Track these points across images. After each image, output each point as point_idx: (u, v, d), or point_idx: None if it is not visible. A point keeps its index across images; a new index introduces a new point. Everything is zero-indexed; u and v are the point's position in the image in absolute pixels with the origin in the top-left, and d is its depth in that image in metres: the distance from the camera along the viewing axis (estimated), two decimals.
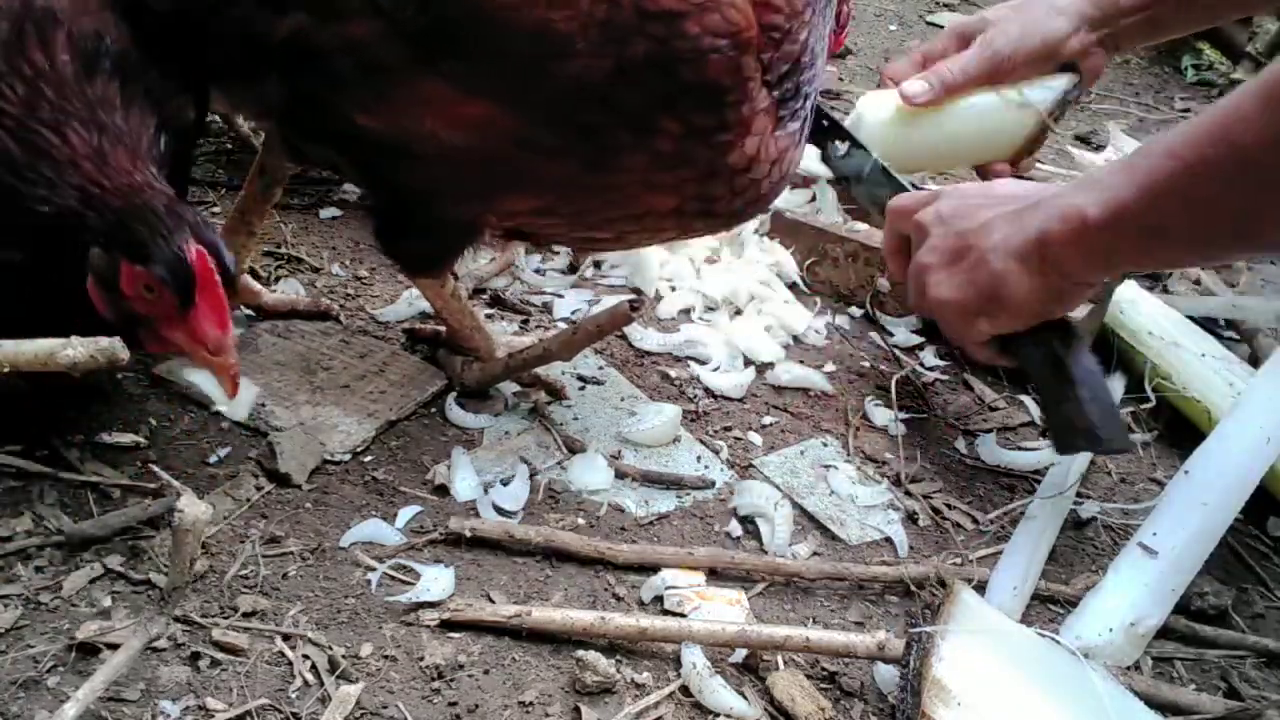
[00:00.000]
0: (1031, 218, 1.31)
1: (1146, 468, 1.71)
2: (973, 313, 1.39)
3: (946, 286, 1.40)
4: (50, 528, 1.25)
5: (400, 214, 1.46)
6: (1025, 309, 1.35)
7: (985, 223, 1.37)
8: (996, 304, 1.36)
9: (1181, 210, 1.18)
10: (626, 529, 1.41)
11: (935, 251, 1.42)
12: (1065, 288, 1.33)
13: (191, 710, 1.08)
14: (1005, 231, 1.34)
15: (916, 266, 1.45)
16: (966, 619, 1.19)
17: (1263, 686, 1.34)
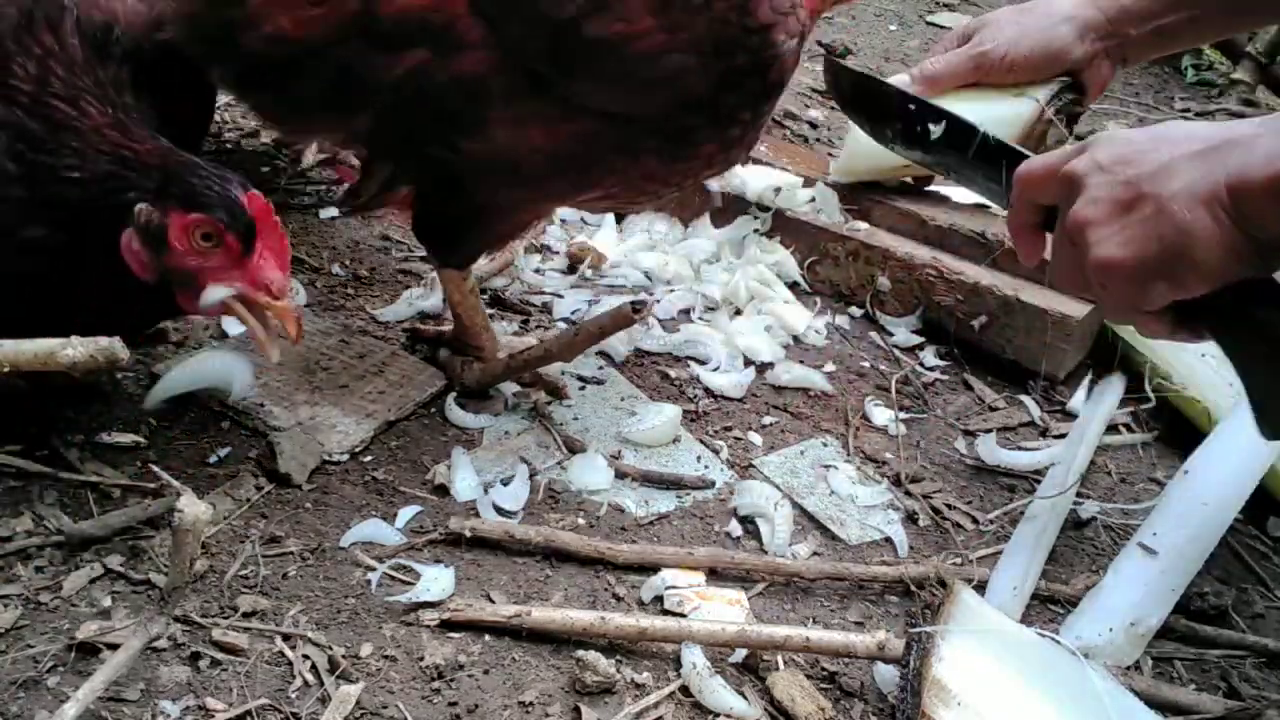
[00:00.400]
0: (1224, 158, 1.09)
1: (1146, 468, 1.71)
2: (1150, 274, 1.12)
3: (1115, 243, 1.13)
4: (50, 528, 1.25)
5: (464, 216, 1.48)
6: (1217, 268, 1.10)
7: (1164, 165, 1.13)
8: (1182, 262, 1.10)
9: None
10: (626, 529, 1.41)
11: (1098, 204, 1.15)
12: (1267, 243, 1.09)
13: (191, 710, 1.08)
14: (1192, 175, 1.10)
15: (1073, 224, 1.17)
16: (966, 619, 1.19)
17: (1263, 686, 1.34)
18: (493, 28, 1.27)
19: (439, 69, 1.28)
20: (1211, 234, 1.08)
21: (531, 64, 1.29)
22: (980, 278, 1.85)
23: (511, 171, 1.38)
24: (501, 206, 1.48)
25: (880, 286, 1.94)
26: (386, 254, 1.92)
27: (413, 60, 1.27)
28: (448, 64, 1.28)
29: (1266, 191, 1.05)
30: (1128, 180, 1.14)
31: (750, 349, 1.79)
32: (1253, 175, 1.05)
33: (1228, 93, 3.32)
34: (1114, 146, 1.18)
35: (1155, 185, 1.12)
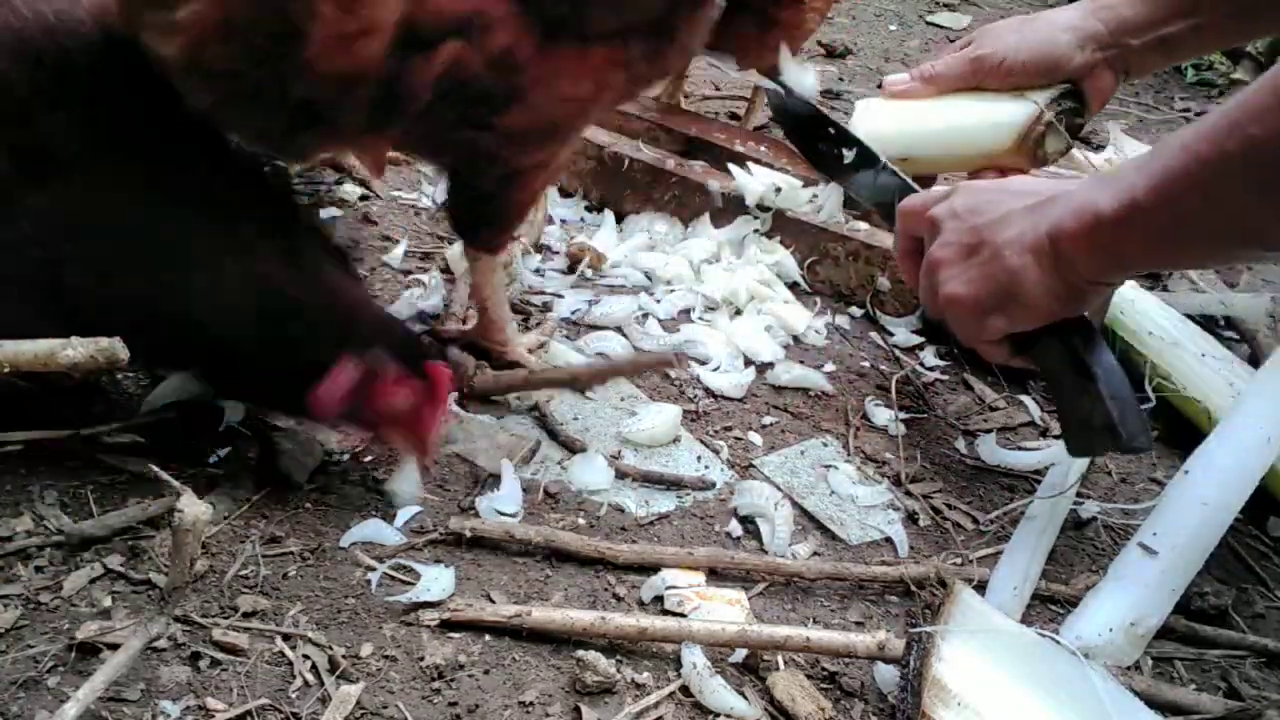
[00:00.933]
0: (1047, 212, 1.26)
1: (1146, 468, 1.71)
2: (987, 310, 1.32)
3: (960, 282, 1.33)
4: (50, 528, 1.25)
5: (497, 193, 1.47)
6: (1040, 306, 1.28)
7: (1001, 216, 1.31)
8: (1011, 301, 1.29)
9: (1196, 206, 1.14)
10: (626, 529, 1.41)
11: (949, 247, 1.35)
12: (1080, 286, 1.27)
13: (191, 710, 1.08)
14: (1021, 226, 1.28)
15: (929, 263, 1.38)
16: (966, 619, 1.19)
17: (1263, 686, 1.34)
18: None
19: (475, 54, 1.26)
20: (1036, 277, 1.26)
21: (550, 11, 1.28)
22: None
23: (549, 129, 1.38)
24: (534, 168, 1.47)
25: (880, 286, 1.94)
26: (386, 254, 1.92)
27: (449, 53, 1.25)
28: (485, 46, 1.26)
29: (1076, 240, 1.22)
30: (973, 227, 1.33)
31: (750, 349, 1.79)
32: (1065, 226, 1.22)
33: (1228, 93, 3.33)
34: (969, 196, 1.37)
35: (993, 233, 1.30)
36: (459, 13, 1.23)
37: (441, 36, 1.24)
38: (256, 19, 1.14)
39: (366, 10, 1.16)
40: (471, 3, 1.24)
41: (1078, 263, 1.24)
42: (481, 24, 1.25)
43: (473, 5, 1.24)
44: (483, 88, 1.29)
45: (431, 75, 1.25)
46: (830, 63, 3.31)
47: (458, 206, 1.53)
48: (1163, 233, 1.18)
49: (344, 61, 1.18)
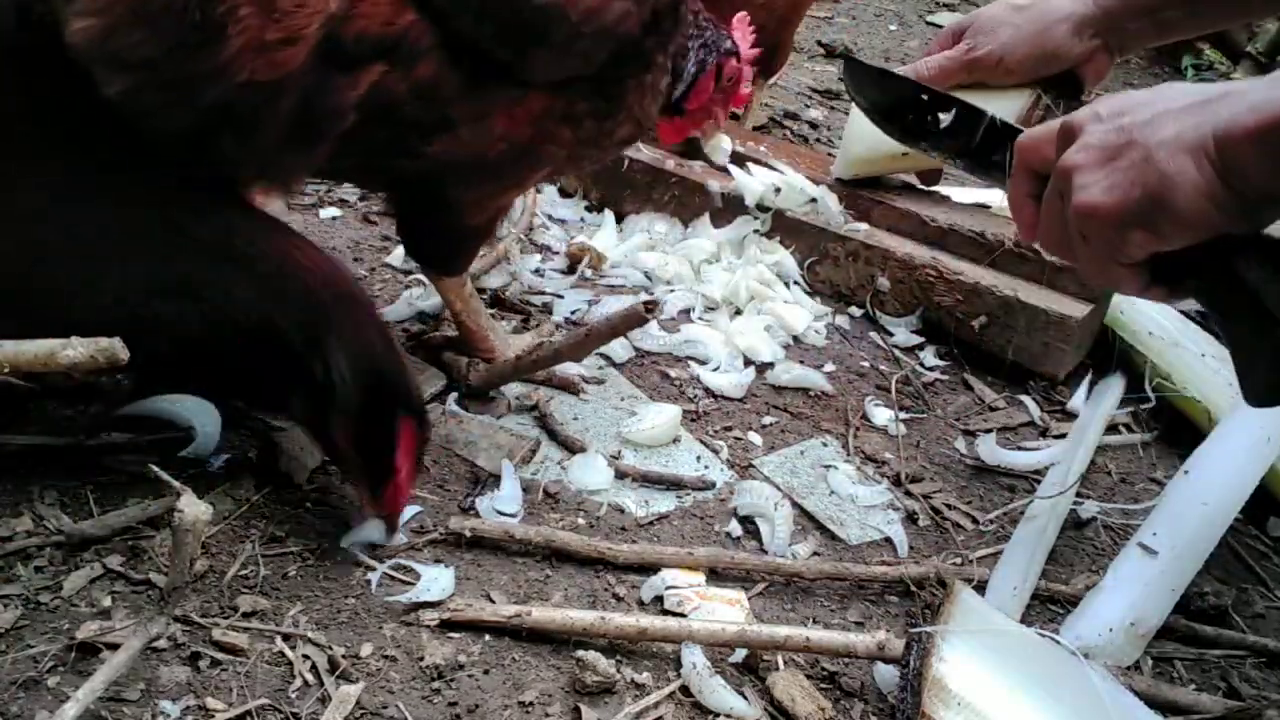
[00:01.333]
0: (1214, 110, 1.06)
1: (1146, 468, 1.71)
2: (1131, 221, 1.10)
3: (1098, 188, 1.11)
4: (50, 528, 1.25)
5: (445, 222, 1.48)
6: (1198, 219, 1.07)
7: (1157, 114, 1.11)
8: (1162, 211, 1.08)
9: None
10: (626, 529, 1.41)
11: (1089, 150, 1.13)
12: (1250, 198, 1.06)
13: (191, 710, 1.08)
14: (1181, 124, 1.08)
15: (1061, 169, 1.15)
16: (966, 619, 1.19)
17: (1263, 686, 1.34)
18: (442, 25, 1.25)
19: (397, 80, 1.26)
20: (1194, 183, 1.06)
21: (484, 49, 1.29)
22: (980, 278, 1.85)
23: (480, 166, 1.38)
24: (473, 203, 1.48)
25: (880, 286, 1.95)
26: (386, 254, 1.92)
27: (371, 76, 1.24)
28: (406, 74, 1.26)
29: (1251, 141, 1.03)
30: (1120, 127, 1.12)
31: (750, 349, 1.79)
32: (1239, 125, 1.03)
33: None
34: (1115, 100, 1.16)
35: (1145, 134, 1.10)
36: (381, 35, 1.23)
37: (365, 58, 1.23)
38: (172, 6, 1.09)
39: (287, 19, 1.14)
40: (396, 30, 1.23)
41: (1252, 170, 1.04)
42: (406, 52, 1.25)
43: (396, 31, 1.23)
44: (409, 115, 1.29)
45: (354, 96, 1.24)
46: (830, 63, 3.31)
47: (408, 236, 1.54)
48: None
49: (264, 69, 1.16)
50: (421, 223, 1.50)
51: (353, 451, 1.25)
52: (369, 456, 1.24)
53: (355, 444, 1.24)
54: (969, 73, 1.79)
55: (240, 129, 1.21)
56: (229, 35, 1.12)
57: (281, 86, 1.19)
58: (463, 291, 1.57)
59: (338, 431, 1.24)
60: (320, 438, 1.28)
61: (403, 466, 1.25)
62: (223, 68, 1.14)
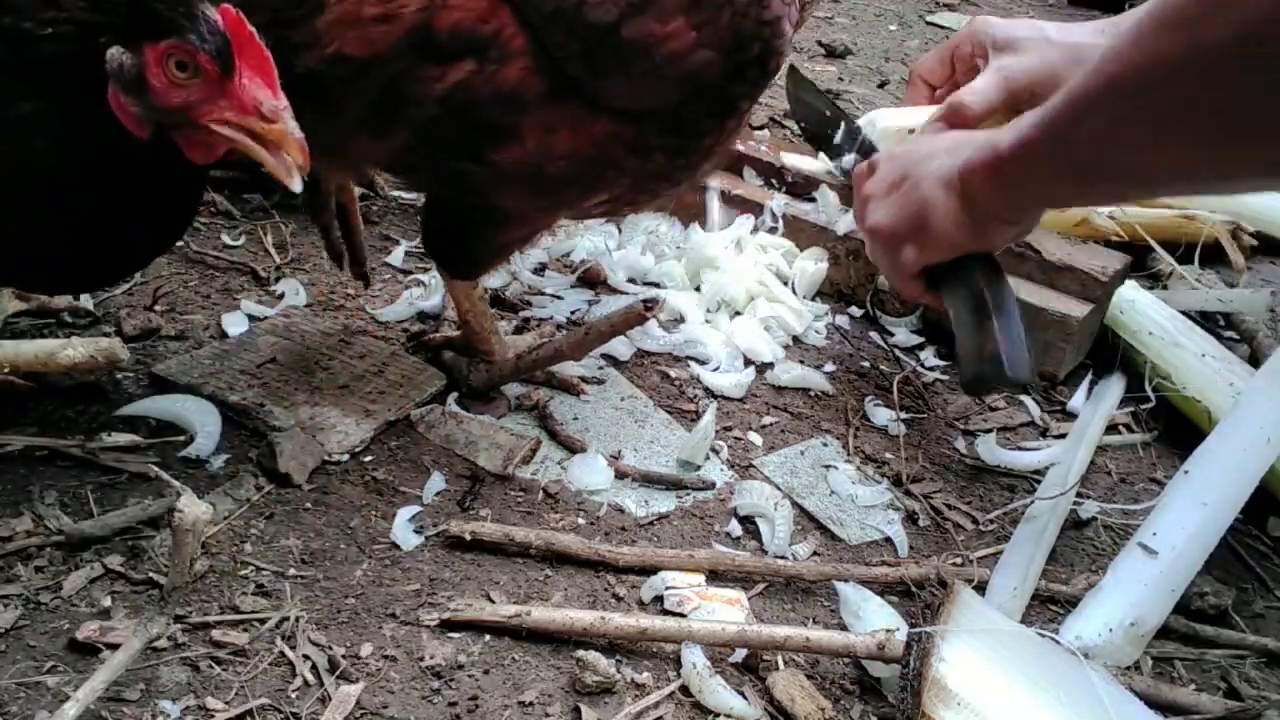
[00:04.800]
0: (962, 151, 1.34)
1: (1146, 468, 1.71)
2: (901, 239, 1.41)
3: (881, 212, 1.43)
4: (50, 528, 1.25)
5: (480, 230, 1.48)
6: (948, 237, 1.37)
7: (926, 154, 1.41)
8: (922, 231, 1.38)
9: (1076, 141, 1.16)
10: (626, 529, 1.41)
11: (878, 182, 1.46)
12: (983, 221, 1.35)
13: (191, 710, 1.08)
14: (941, 161, 1.37)
15: (861, 198, 1.49)
16: (966, 619, 1.19)
17: (1263, 686, 1.34)
18: (535, 35, 1.28)
19: (483, 80, 1.27)
20: (946, 209, 1.35)
21: (566, 68, 1.30)
22: None
23: (537, 180, 1.39)
24: (519, 217, 1.49)
25: (880, 286, 1.94)
26: (386, 254, 1.92)
27: (460, 73, 1.26)
28: (492, 74, 1.27)
29: (977, 174, 1.31)
30: (902, 165, 1.43)
31: (750, 349, 1.79)
32: (973, 161, 1.31)
33: None
34: (909, 145, 1.47)
35: (916, 169, 1.40)
36: (474, 31, 1.24)
37: (457, 52, 1.24)
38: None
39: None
40: (490, 29, 1.25)
41: (980, 197, 1.32)
42: (496, 53, 1.26)
43: (491, 31, 1.25)
44: (485, 117, 1.30)
45: (439, 89, 1.25)
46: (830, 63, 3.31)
47: (437, 235, 1.53)
48: (1051, 167, 1.24)
49: (356, 44, 1.17)
50: (459, 228, 1.49)
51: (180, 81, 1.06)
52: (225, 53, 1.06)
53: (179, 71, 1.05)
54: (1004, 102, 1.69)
55: (323, 104, 1.22)
56: (327, 5, 1.14)
57: (370, 66, 1.21)
58: (472, 294, 1.57)
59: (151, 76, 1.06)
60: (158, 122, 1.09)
61: (246, 41, 1.06)
62: (314, 38, 1.16)
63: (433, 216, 1.51)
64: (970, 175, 1.32)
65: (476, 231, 1.49)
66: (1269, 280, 2.27)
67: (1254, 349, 1.93)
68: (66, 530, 1.24)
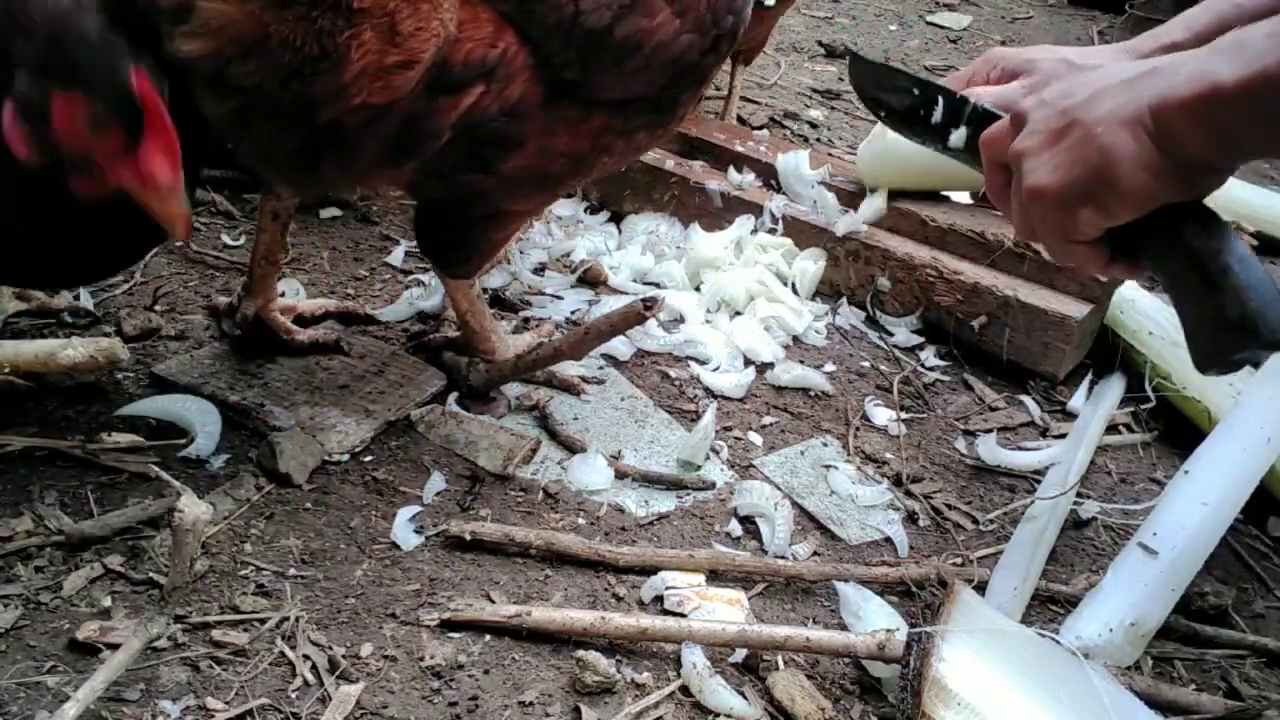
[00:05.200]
0: (1150, 83, 1.09)
1: (1146, 468, 1.71)
2: (1077, 199, 1.13)
3: (1046, 170, 1.14)
4: (50, 528, 1.25)
5: (478, 229, 1.49)
6: (1139, 190, 1.10)
7: (1095, 93, 1.13)
8: (1105, 186, 1.10)
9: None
10: (626, 529, 1.41)
11: (1035, 134, 1.17)
12: (1188, 167, 1.09)
13: (191, 710, 1.08)
14: (1118, 99, 1.10)
15: (1013, 156, 1.19)
16: (966, 619, 1.19)
17: (1263, 686, 1.34)
18: (535, 49, 1.30)
19: (492, 99, 1.30)
20: (1133, 156, 1.08)
21: (563, 73, 1.33)
22: (980, 278, 1.85)
23: (539, 180, 1.41)
24: (518, 214, 1.51)
25: (880, 286, 1.94)
26: (386, 254, 1.92)
27: (471, 97, 1.28)
28: (499, 92, 1.30)
29: (1185, 111, 1.04)
30: (1062, 110, 1.14)
31: (750, 349, 1.79)
32: (1173, 96, 1.05)
33: None
34: (1061, 82, 1.19)
35: (1084, 112, 1.12)
36: (485, 57, 1.26)
37: (469, 81, 1.27)
38: (293, 38, 1.11)
39: (408, 42, 1.17)
40: (498, 53, 1.27)
41: (1187, 140, 1.06)
42: (503, 73, 1.28)
43: (499, 55, 1.27)
44: (493, 131, 1.32)
45: (454, 116, 1.28)
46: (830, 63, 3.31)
47: (434, 237, 1.54)
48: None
49: (379, 92, 1.19)
50: (457, 228, 1.50)
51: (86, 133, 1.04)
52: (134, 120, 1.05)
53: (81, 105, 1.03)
54: None
55: (342, 148, 1.24)
56: (350, 61, 1.14)
57: (390, 109, 1.21)
58: (470, 292, 1.58)
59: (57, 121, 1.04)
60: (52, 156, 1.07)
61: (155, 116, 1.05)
62: (338, 91, 1.16)
63: (430, 220, 1.52)
64: (1172, 112, 1.05)
65: (474, 230, 1.49)
66: None
67: None
68: (66, 530, 1.24)
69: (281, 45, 1.11)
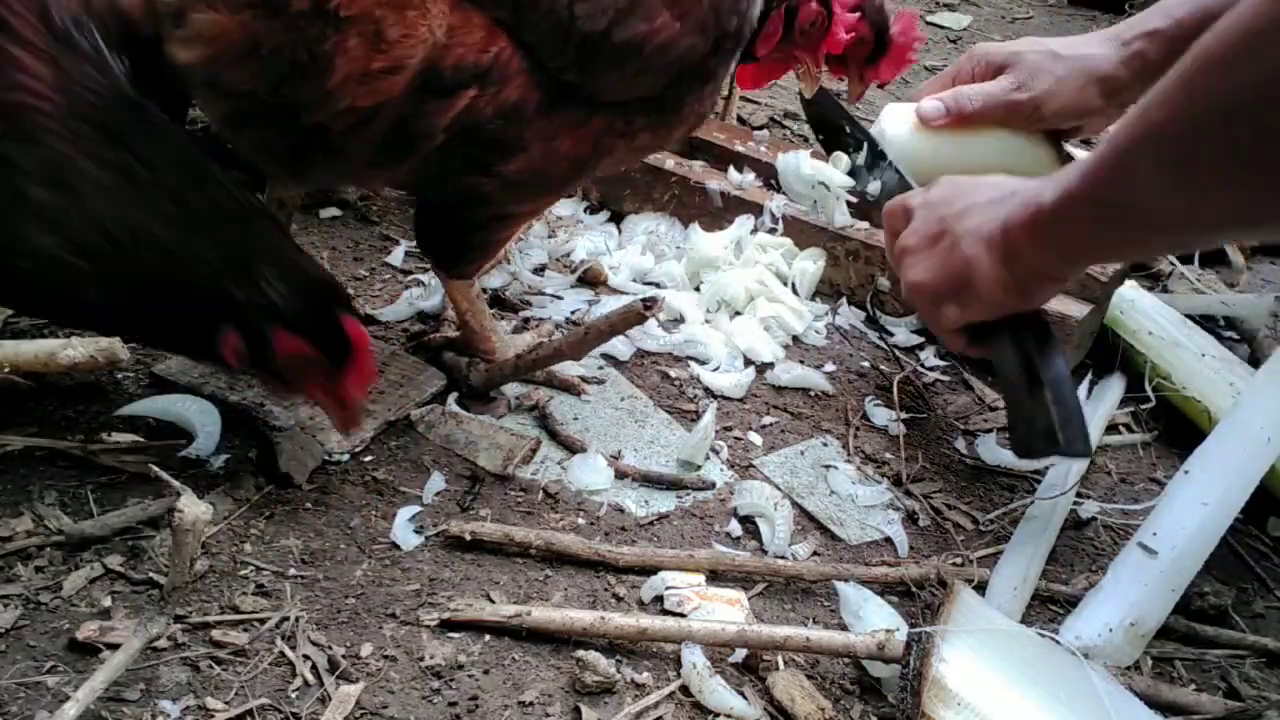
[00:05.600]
0: (1004, 206, 1.28)
1: (1146, 468, 1.71)
2: (944, 297, 1.35)
3: (921, 269, 1.37)
4: (50, 528, 1.25)
5: (479, 230, 1.49)
6: (992, 298, 1.31)
7: (966, 208, 1.34)
8: (966, 290, 1.32)
9: (1121, 194, 1.12)
10: (626, 529, 1.41)
11: (915, 234, 1.39)
12: (1027, 280, 1.29)
13: (191, 710, 1.08)
14: (981, 218, 1.31)
15: (897, 250, 1.43)
16: (966, 619, 1.19)
17: (1263, 686, 1.34)
18: (529, 53, 1.30)
19: (486, 102, 1.30)
20: (988, 268, 1.29)
21: (562, 77, 1.33)
22: None
23: (541, 182, 1.42)
24: (519, 215, 1.52)
25: (880, 286, 1.94)
26: (386, 254, 1.92)
27: (464, 100, 1.28)
28: (494, 95, 1.30)
29: (1024, 230, 1.24)
30: (940, 217, 1.36)
31: (750, 349, 1.79)
32: (1014, 218, 1.25)
33: None
34: (944, 189, 1.40)
35: (956, 223, 1.33)
36: (476, 62, 1.27)
37: (460, 85, 1.27)
38: (281, 46, 1.15)
39: (394, 49, 1.19)
40: (490, 57, 1.28)
41: (1024, 255, 1.26)
42: (496, 76, 1.29)
43: (491, 59, 1.28)
44: (491, 134, 1.33)
45: (447, 119, 1.28)
46: None
47: (435, 237, 1.54)
48: (1097, 221, 1.18)
49: (365, 96, 1.21)
50: (458, 229, 1.50)
51: (301, 356, 1.22)
52: (327, 353, 1.23)
53: (305, 347, 1.22)
54: (1008, 115, 1.73)
55: (332, 151, 1.26)
56: (335, 66, 1.17)
57: (378, 112, 1.24)
58: (469, 292, 1.58)
59: (279, 344, 1.21)
60: (258, 362, 1.24)
61: (360, 349, 1.23)
62: (324, 96, 1.19)
63: (431, 220, 1.52)
64: (1013, 232, 1.25)
65: (476, 232, 1.50)
66: (1269, 280, 2.27)
67: (1254, 349, 1.93)
68: (66, 530, 1.24)
69: (271, 53, 1.15)
